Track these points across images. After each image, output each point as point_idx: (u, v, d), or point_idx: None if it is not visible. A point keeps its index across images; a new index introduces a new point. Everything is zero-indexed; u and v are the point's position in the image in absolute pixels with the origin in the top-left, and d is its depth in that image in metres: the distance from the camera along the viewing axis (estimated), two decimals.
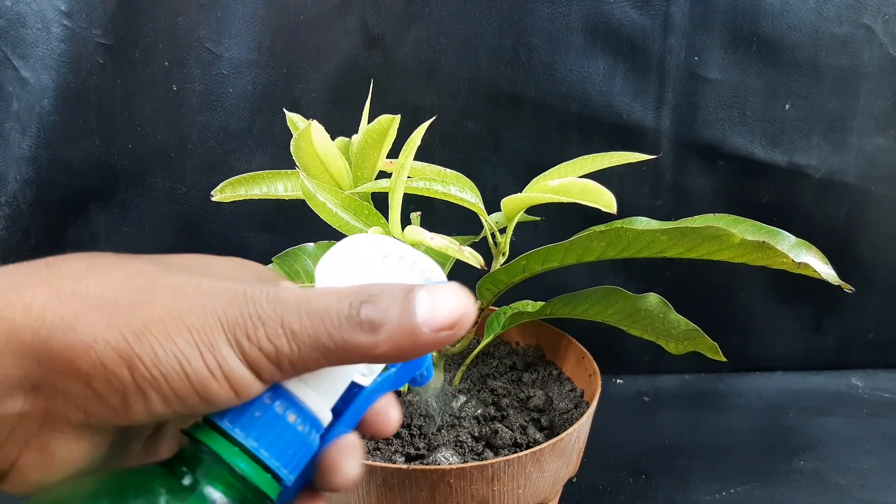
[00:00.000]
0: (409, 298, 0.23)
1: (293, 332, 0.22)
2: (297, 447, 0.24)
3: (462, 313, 0.23)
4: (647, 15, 0.68)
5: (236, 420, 0.23)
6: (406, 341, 0.22)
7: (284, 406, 0.23)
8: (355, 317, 0.22)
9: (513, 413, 0.52)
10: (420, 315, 0.23)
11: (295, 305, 0.22)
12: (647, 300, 0.50)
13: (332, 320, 0.22)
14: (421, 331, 0.23)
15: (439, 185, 0.48)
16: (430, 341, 0.23)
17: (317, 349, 0.22)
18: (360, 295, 0.23)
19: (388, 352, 0.22)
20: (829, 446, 0.68)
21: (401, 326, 0.22)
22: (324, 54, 0.70)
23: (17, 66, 0.69)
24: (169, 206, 0.74)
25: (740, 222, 0.47)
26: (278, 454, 0.23)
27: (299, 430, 0.24)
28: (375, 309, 0.22)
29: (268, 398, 0.23)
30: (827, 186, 0.74)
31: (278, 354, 0.22)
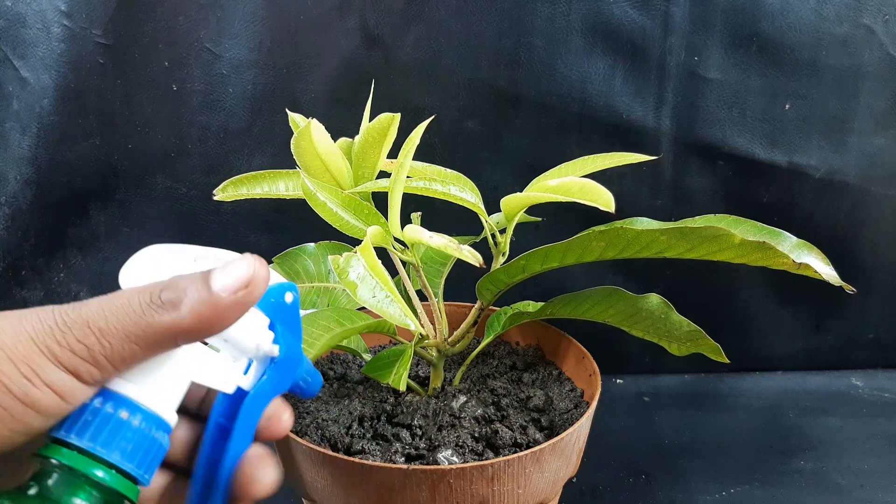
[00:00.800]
0: (204, 275, 0.25)
1: (100, 330, 0.23)
2: (140, 445, 0.24)
3: (253, 273, 0.25)
4: (647, 15, 0.68)
5: (73, 428, 0.24)
6: (207, 309, 0.24)
7: (115, 406, 0.24)
8: (157, 301, 0.24)
9: (513, 413, 0.52)
10: (215, 284, 0.25)
11: (98, 306, 0.24)
12: (648, 301, 0.50)
13: (135, 310, 0.24)
14: (219, 296, 0.24)
15: (439, 185, 0.48)
16: (231, 303, 0.25)
17: (127, 339, 0.23)
18: (160, 284, 0.25)
19: (194, 324, 0.24)
20: (829, 446, 0.68)
21: (200, 297, 0.24)
22: (324, 54, 0.70)
23: (17, 66, 0.69)
24: (169, 206, 0.74)
25: (741, 223, 0.47)
26: (124, 454, 0.24)
27: (137, 428, 0.24)
28: (174, 290, 0.24)
29: (97, 402, 0.24)
30: (827, 186, 0.74)
31: (91, 353, 0.23)
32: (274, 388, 0.29)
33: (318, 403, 0.53)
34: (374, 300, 0.41)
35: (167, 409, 0.26)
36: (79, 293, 0.76)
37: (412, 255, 0.50)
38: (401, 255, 0.50)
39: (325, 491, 0.45)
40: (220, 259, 0.28)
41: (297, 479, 0.48)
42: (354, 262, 0.42)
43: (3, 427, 0.22)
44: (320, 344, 0.44)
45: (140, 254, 0.28)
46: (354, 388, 0.56)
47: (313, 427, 0.50)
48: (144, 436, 0.25)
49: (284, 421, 0.29)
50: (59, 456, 0.23)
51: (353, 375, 0.58)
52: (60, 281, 0.76)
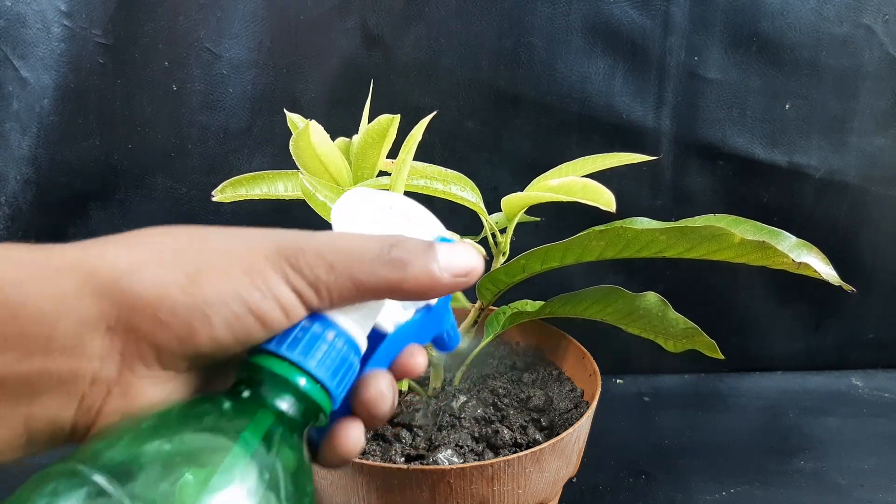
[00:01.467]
0: (431, 247, 0.27)
1: (331, 264, 0.25)
2: (341, 365, 0.26)
3: (474, 265, 0.28)
4: (647, 15, 0.68)
5: (284, 342, 0.25)
6: (428, 280, 0.26)
7: (323, 328, 0.26)
8: (386, 255, 0.26)
9: (513, 413, 0.52)
10: (442, 261, 0.27)
11: (333, 243, 0.26)
12: (645, 299, 0.50)
13: (365, 257, 0.25)
14: (441, 274, 0.26)
15: (440, 184, 0.48)
16: (447, 284, 0.27)
17: (351, 280, 0.25)
18: (390, 240, 0.26)
19: (412, 288, 0.26)
20: (829, 446, 0.68)
21: (424, 267, 0.26)
22: (324, 54, 0.70)
23: (17, 66, 0.69)
24: (169, 206, 0.74)
25: (740, 222, 0.47)
26: (327, 371, 0.26)
27: (340, 350, 0.26)
28: (404, 251, 0.26)
29: (308, 322, 0.26)
30: (827, 186, 0.74)
31: (317, 281, 0.25)
32: (420, 330, 0.30)
33: None
34: None
35: (362, 338, 0.27)
36: None
37: None
38: None
39: (325, 491, 0.45)
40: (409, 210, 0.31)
41: None
42: None
43: (230, 335, 0.24)
44: None
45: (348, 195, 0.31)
46: None
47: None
48: (344, 358, 0.26)
49: (419, 361, 0.30)
50: (272, 365, 0.25)
51: None
52: None
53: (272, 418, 0.24)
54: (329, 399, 0.26)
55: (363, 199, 0.31)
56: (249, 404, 0.25)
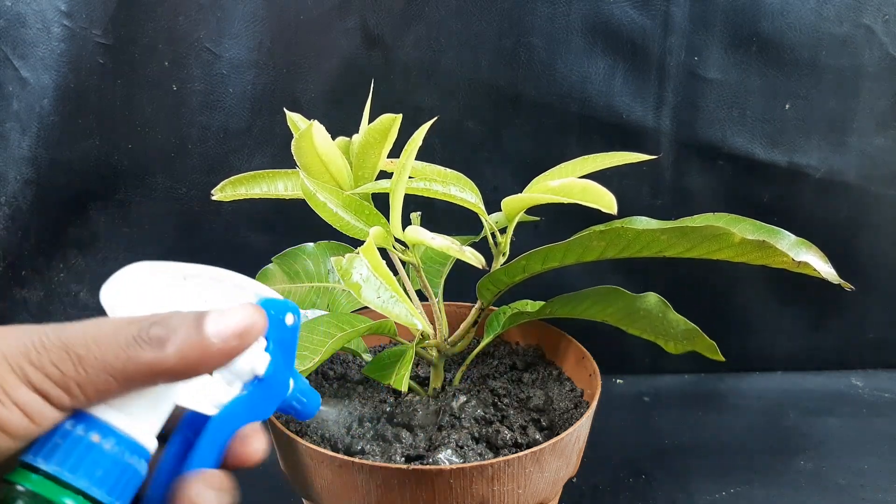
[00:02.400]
0: (198, 317, 0.24)
1: (79, 357, 0.22)
2: (112, 471, 0.23)
3: (250, 323, 0.25)
4: (647, 15, 0.68)
5: (40, 452, 0.23)
6: (194, 352, 0.23)
7: (86, 429, 0.23)
8: (144, 335, 0.23)
9: (513, 413, 0.52)
10: (209, 328, 0.24)
11: (82, 332, 0.23)
12: (646, 300, 0.50)
13: (118, 342, 0.23)
14: (210, 341, 0.24)
15: (439, 186, 0.48)
16: (219, 351, 0.24)
17: (105, 370, 0.23)
18: (153, 318, 0.24)
19: (177, 365, 0.23)
20: (829, 446, 0.68)
21: (189, 339, 0.23)
22: (324, 54, 0.70)
23: (17, 66, 0.69)
24: (169, 206, 0.74)
25: (740, 221, 0.47)
26: (93, 480, 0.23)
27: (109, 452, 0.23)
28: (164, 328, 0.23)
29: (69, 424, 0.23)
30: (827, 186, 0.74)
31: (64, 379, 0.22)
32: (253, 407, 0.27)
33: None
34: (379, 300, 0.41)
35: (145, 434, 0.25)
36: (79, 293, 0.76)
37: (412, 256, 0.50)
38: (401, 255, 0.50)
39: (325, 491, 0.45)
40: (213, 278, 0.27)
41: (298, 480, 0.48)
42: (357, 264, 0.42)
43: None
44: (324, 351, 0.44)
45: (125, 271, 0.27)
46: (354, 389, 0.56)
47: (313, 427, 0.50)
48: (117, 461, 0.23)
49: (255, 448, 0.27)
50: (27, 482, 0.22)
51: (352, 375, 0.58)
52: (60, 281, 0.76)
53: None
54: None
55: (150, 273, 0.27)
56: None
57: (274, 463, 0.50)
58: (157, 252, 0.75)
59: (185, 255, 0.80)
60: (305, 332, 0.46)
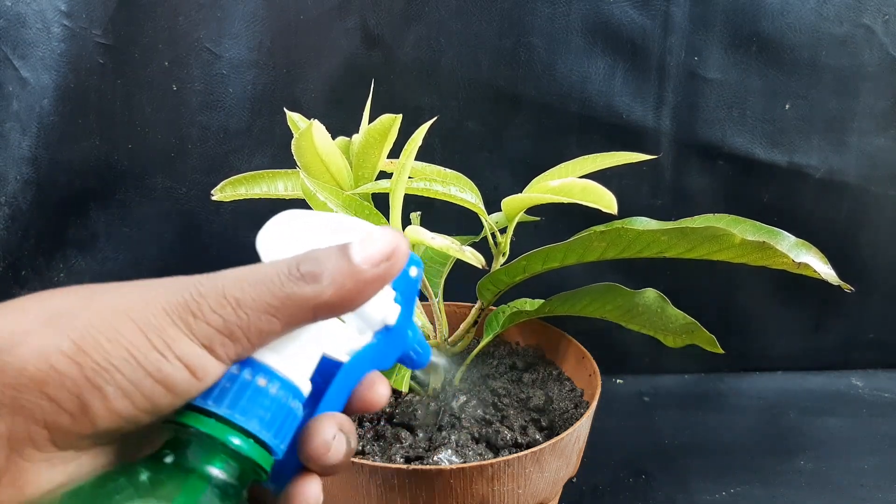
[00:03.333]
0: (343, 248, 0.24)
1: (237, 300, 0.22)
2: (278, 414, 0.23)
3: (394, 245, 0.25)
4: (647, 15, 0.68)
5: (210, 396, 0.23)
6: (349, 282, 0.23)
7: (253, 373, 0.23)
8: (295, 273, 0.23)
9: (513, 413, 0.52)
10: (356, 256, 0.24)
11: (235, 278, 0.23)
12: (644, 295, 0.50)
13: (273, 281, 0.23)
14: (361, 268, 0.24)
15: (439, 186, 0.48)
16: (373, 276, 0.24)
17: (265, 311, 0.22)
18: (299, 257, 0.24)
19: (335, 296, 0.23)
20: (829, 446, 0.68)
21: (341, 270, 0.23)
22: (324, 54, 0.70)
23: (17, 66, 0.69)
24: (169, 206, 0.74)
25: (740, 222, 0.47)
26: (262, 422, 0.23)
27: (275, 396, 0.23)
28: (314, 263, 0.23)
29: (235, 369, 0.23)
30: (827, 186, 0.74)
31: (227, 324, 0.22)
32: (380, 354, 0.27)
33: None
34: None
35: (303, 378, 0.25)
36: None
37: None
38: None
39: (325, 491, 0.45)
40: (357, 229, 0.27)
41: None
42: None
43: (129, 405, 0.21)
44: None
45: (276, 219, 0.27)
46: None
47: None
48: (281, 405, 0.24)
49: (380, 393, 0.27)
50: (196, 423, 0.22)
51: None
52: (60, 281, 0.76)
53: (204, 485, 0.22)
54: (268, 454, 0.23)
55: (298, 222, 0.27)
56: (176, 472, 0.22)
57: None
58: (157, 252, 0.75)
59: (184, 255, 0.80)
60: None
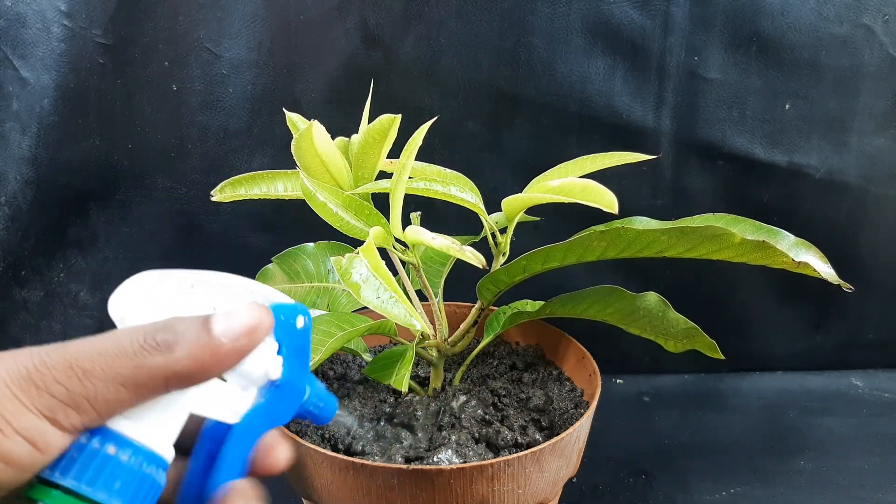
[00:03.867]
0: (205, 319, 0.24)
1: (84, 371, 0.22)
2: (131, 482, 0.23)
3: (257, 321, 0.25)
4: (647, 15, 0.68)
5: (57, 468, 0.22)
6: (205, 353, 0.23)
7: (102, 442, 0.23)
8: (151, 342, 0.23)
9: (513, 413, 0.52)
10: (216, 328, 0.24)
11: (84, 346, 0.22)
12: (646, 299, 0.50)
13: (125, 350, 0.22)
14: (218, 341, 0.23)
15: (439, 186, 0.48)
16: (231, 350, 0.24)
17: (114, 381, 0.22)
18: (156, 325, 0.23)
19: (190, 367, 0.23)
20: (829, 446, 0.68)
21: (198, 341, 0.23)
22: (324, 54, 0.70)
23: (17, 66, 0.69)
24: (169, 206, 0.74)
25: (740, 222, 0.47)
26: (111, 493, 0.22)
27: (127, 464, 0.23)
28: (172, 332, 0.23)
29: (85, 438, 0.23)
30: (827, 186, 0.74)
31: (71, 395, 0.22)
32: (272, 414, 0.27)
33: None
34: (379, 301, 0.41)
35: (161, 444, 0.24)
36: (79, 293, 0.76)
37: (413, 256, 0.50)
38: (401, 255, 0.50)
39: (325, 491, 0.45)
40: (220, 284, 0.27)
41: (298, 480, 0.48)
42: (357, 264, 0.42)
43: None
44: (324, 350, 0.44)
45: (132, 280, 0.26)
46: (354, 389, 0.56)
47: (313, 427, 0.50)
48: (135, 472, 0.23)
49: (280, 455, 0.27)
50: (44, 496, 0.22)
51: (353, 375, 0.58)
52: (60, 281, 0.76)
53: None
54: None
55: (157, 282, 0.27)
56: None
57: None
58: (157, 252, 0.75)
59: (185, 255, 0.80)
60: None
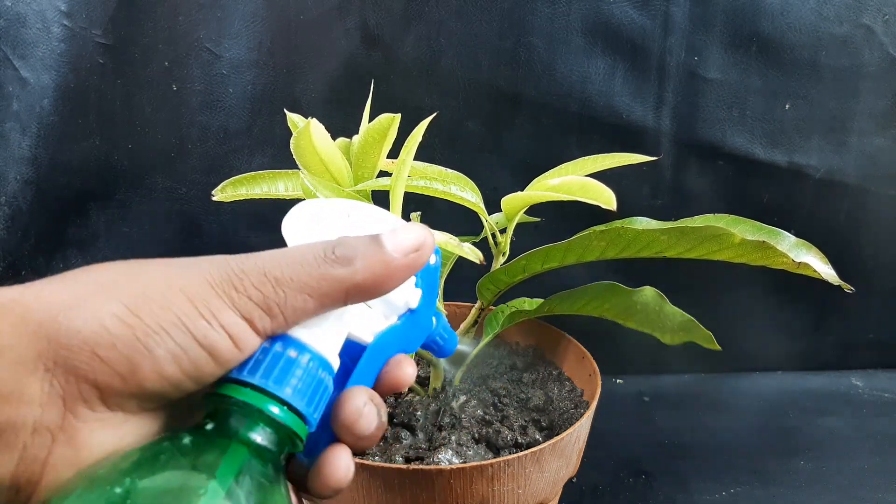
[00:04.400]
0: (376, 238, 0.26)
1: (276, 279, 0.24)
2: (309, 384, 0.25)
3: (423, 237, 0.27)
4: (647, 15, 0.68)
5: (245, 368, 0.24)
6: (380, 267, 0.25)
7: (284, 346, 0.24)
8: (331, 256, 0.25)
9: (513, 413, 0.52)
10: (388, 244, 0.26)
11: (273, 257, 0.24)
12: (643, 294, 0.50)
13: (310, 262, 0.24)
14: (391, 256, 0.25)
15: (440, 185, 0.48)
16: (402, 265, 0.26)
17: (301, 290, 0.24)
18: (334, 241, 0.25)
19: (367, 279, 0.25)
20: (829, 446, 0.68)
21: (373, 255, 0.25)
22: (324, 54, 0.70)
23: (17, 66, 0.69)
24: (169, 206, 0.74)
25: (740, 222, 0.47)
26: (295, 391, 0.24)
27: (306, 367, 0.25)
28: (348, 247, 0.25)
29: (268, 343, 0.24)
30: (827, 186, 0.74)
31: (266, 300, 0.24)
32: (404, 336, 0.29)
33: None
34: None
35: (332, 353, 0.26)
36: None
37: None
38: None
39: None
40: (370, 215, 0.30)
41: None
42: None
43: (177, 369, 0.22)
44: None
45: (300, 206, 0.29)
46: None
47: None
48: (313, 376, 0.25)
49: (407, 372, 0.29)
50: (235, 392, 0.23)
51: None
52: None
53: (244, 451, 0.23)
54: (303, 423, 0.25)
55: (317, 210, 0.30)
56: (218, 438, 0.23)
57: None
58: (157, 252, 0.75)
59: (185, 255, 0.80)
60: None
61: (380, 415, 0.27)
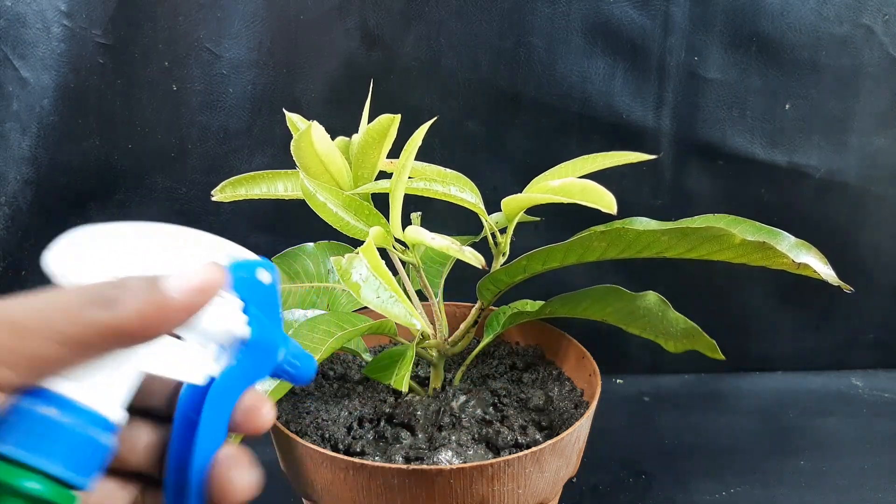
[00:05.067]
0: (152, 277, 0.23)
1: (23, 328, 0.21)
2: (76, 446, 0.22)
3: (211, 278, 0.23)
4: (647, 15, 0.68)
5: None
6: (151, 309, 0.22)
7: (40, 404, 0.21)
8: (97, 298, 0.21)
9: (513, 413, 0.52)
10: (166, 284, 0.22)
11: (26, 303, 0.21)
12: (645, 298, 0.50)
13: (70, 307, 0.21)
14: (168, 296, 0.22)
15: (439, 186, 0.48)
16: (180, 305, 0.22)
17: (54, 339, 0.21)
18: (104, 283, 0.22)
19: (135, 323, 0.22)
20: (829, 446, 0.68)
21: (145, 296, 0.22)
22: (324, 54, 0.70)
23: (17, 66, 0.69)
24: (169, 206, 0.74)
25: (740, 223, 0.47)
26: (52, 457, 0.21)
27: (68, 426, 0.21)
28: (119, 288, 0.22)
29: (22, 401, 0.21)
30: (827, 186, 0.74)
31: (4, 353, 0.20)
32: (246, 374, 0.26)
33: (318, 403, 0.53)
34: (379, 301, 0.41)
35: (108, 405, 0.23)
36: None
37: (413, 256, 0.50)
38: (401, 255, 0.50)
39: (325, 491, 0.45)
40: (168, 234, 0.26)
41: (298, 480, 0.48)
42: (357, 264, 0.42)
43: None
44: (323, 349, 0.44)
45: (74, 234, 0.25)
46: (354, 389, 0.56)
47: (313, 427, 0.50)
48: (78, 435, 0.22)
49: (264, 414, 0.26)
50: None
51: (352, 375, 0.58)
52: None
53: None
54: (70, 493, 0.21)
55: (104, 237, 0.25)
56: None
57: (274, 462, 0.51)
58: None
59: None
60: (306, 330, 0.46)
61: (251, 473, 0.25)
